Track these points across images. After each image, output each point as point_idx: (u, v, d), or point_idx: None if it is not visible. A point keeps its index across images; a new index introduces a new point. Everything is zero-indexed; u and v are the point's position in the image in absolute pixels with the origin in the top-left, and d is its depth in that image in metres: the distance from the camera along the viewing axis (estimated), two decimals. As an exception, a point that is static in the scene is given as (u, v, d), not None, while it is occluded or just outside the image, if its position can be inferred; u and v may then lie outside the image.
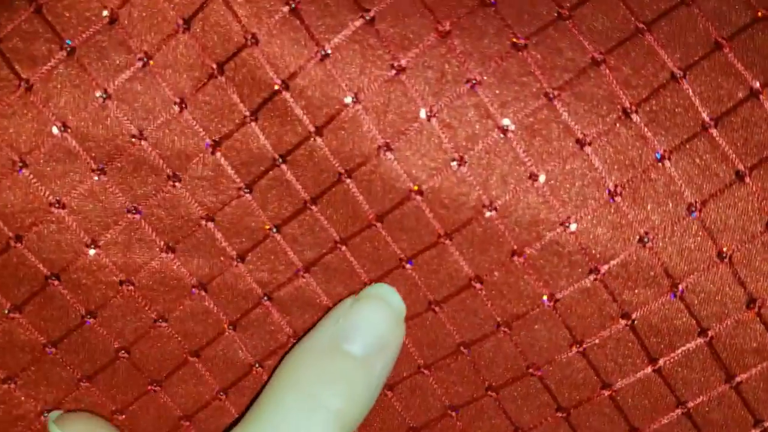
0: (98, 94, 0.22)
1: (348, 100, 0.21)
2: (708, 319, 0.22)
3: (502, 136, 0.21)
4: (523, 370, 0.23)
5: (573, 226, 0.21)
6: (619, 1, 0.21)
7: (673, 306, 0.22)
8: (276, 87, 0.21)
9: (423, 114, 0.21)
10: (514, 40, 0.21)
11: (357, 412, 0.21)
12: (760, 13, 0.21)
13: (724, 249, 0.21)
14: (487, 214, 0.21)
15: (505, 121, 0.21)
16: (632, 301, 0.22)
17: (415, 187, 0.22)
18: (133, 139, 0.22)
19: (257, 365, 0.25)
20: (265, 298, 0.24)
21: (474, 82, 0.21)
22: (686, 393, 0.23)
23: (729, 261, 0.21)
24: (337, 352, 0.21)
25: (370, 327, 0.22)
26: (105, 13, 0.21)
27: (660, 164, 0.21)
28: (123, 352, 0.24)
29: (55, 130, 0.22)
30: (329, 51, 0.21)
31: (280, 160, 0.22)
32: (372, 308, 0.22)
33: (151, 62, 0.22)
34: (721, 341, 0.22)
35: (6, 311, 0.24)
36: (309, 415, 0.20)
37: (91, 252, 0.23)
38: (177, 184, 0.22)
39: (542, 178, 0.21)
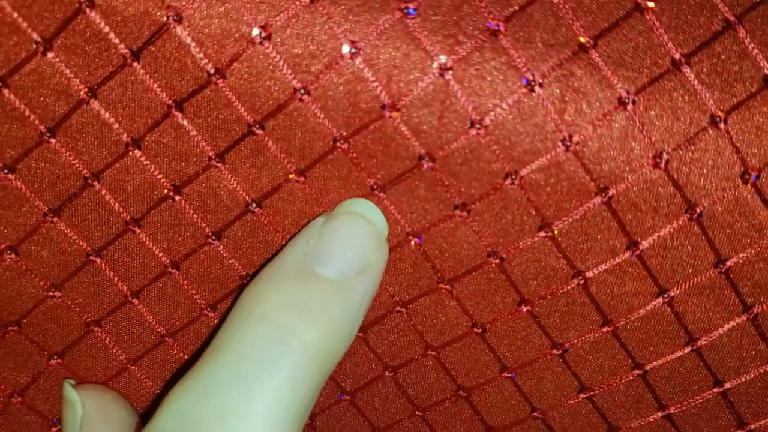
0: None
1: None
2: None
3: None
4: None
5: None
6: None
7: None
8: (163, 20, 0.18)
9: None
10: None
11: (335, 346, 0.19)
12: None
13: None
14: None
15: None
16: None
17: None
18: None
19: (169, 338, 0.23)
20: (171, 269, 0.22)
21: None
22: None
23: None
24: (309, 276, 0.19)
25: (347, 246, 0.19)
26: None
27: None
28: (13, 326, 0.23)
29: None
30: None
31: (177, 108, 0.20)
32: (349, 224, 0.20)
33: None
34: None
35: None
36: (279, 348, 0.18)
37: None
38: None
39: None
